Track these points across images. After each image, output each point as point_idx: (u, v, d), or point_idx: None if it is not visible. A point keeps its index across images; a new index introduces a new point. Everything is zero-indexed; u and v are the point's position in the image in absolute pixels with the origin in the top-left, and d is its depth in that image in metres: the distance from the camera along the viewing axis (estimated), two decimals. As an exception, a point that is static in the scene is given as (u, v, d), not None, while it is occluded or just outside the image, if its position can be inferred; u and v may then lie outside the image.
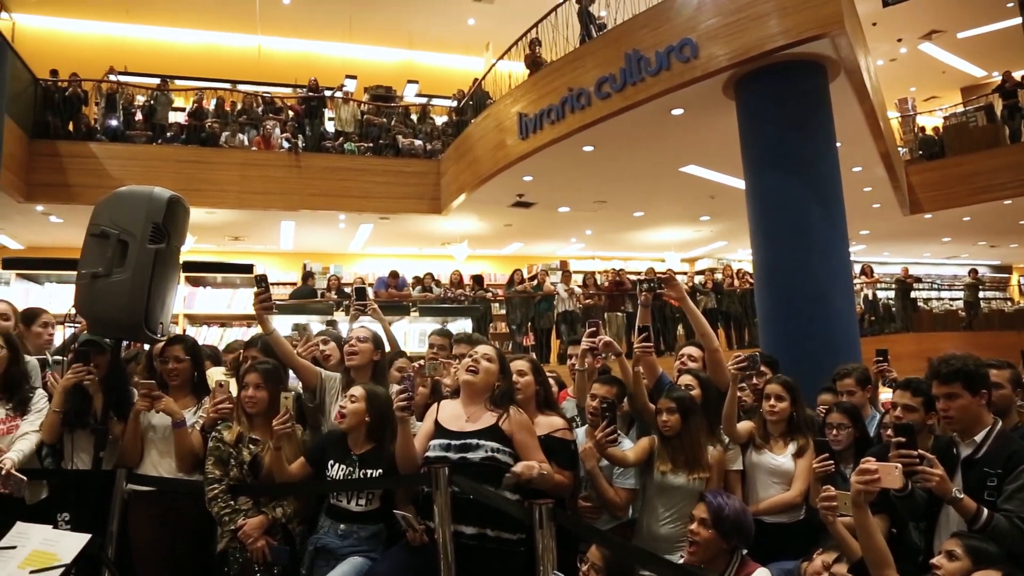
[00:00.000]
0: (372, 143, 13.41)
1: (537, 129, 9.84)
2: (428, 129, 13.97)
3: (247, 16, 15.06)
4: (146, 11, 15.24)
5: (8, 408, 3.27)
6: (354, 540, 3.04)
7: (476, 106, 12.66)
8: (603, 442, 3.02)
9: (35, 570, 2.18)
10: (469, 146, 11.90)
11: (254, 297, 3.50)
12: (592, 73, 8.95)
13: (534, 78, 10.39)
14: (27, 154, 11.16)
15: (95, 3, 14.96)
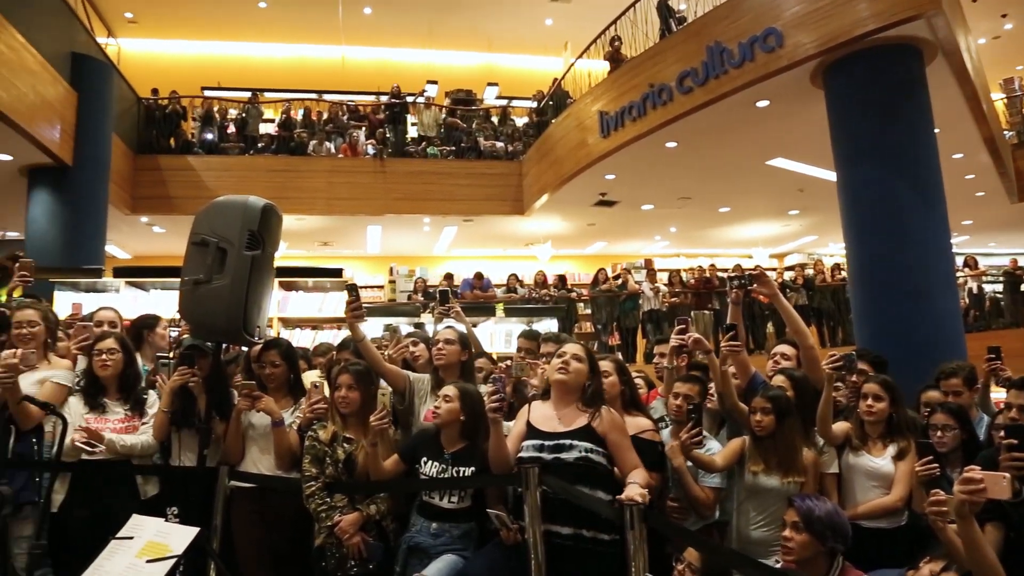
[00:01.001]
0: (454, 146, 13.59)
1: (618, 127, 9.75)
2: (509, 131, 14.05)
3: (331, 28, 15.50)
4: (236, 29, 15.91)
5: (126, 408, 3.49)
6: (447, 539, 3.08)
7: (556, 106, 12.65)
8: (688, 444, 2.96)
9: (150, 559, 2.30)
10: (550, 146, 11.90)
11: (346, 305, 3.59)
12: (673, 68, 8.82)
13: (614, 75, 10.30)
14: (132, 169, 11.85)
15: (190, 24, 15.72)
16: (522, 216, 13.27)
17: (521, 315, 7.91)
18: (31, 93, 8.31)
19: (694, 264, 14.73)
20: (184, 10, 15.13)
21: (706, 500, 3.18)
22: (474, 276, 12.31)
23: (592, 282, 12.68)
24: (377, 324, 6.26)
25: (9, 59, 7.84)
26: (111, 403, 3.48)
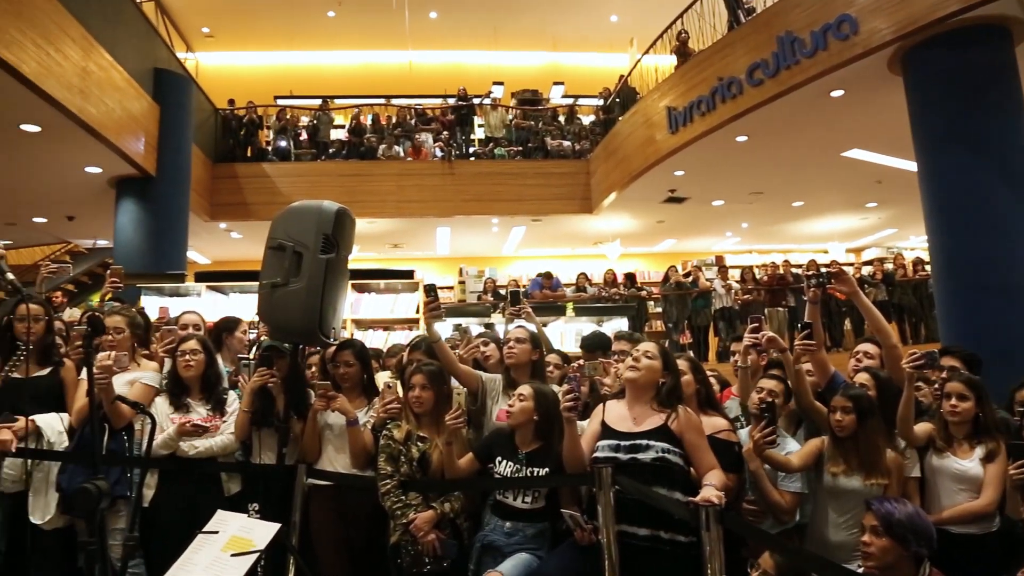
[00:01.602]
0: (521, 147, 13.62)
1: (687, 122, 9.60)
2: (576, 129, 14.00)
3: (398, 33, 15.74)
4: (307, 39, 16.34)
5: (208, 408, 3.63)
6: (520, 538, 3.08)
7: (623, 103, 12.54)
8: (761, 444, 2.89)
9: (235, 553, 2.38)
10: (618, 144, 11.81)
11: (423, 306, 3.64)
12: (743, 60, 8.63)
13: (682, 70, 10.15)
14: (210, 177, 12.30)
15: (263, 36, 16.24)
16: (590, 215, 13.21)
17: (591, 314, 7.87)
18: (118, 109, 8.71)
19: (767, 260, 14.41)
20: (257, 23, 15.64)
21: (785, 505, 3.10)
22: (543, 276, 12.30)
23: (662, 280, 12.52)
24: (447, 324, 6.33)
25: (99, 78, 8.23)
26: (194, 403, 3.62)
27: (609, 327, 7.42)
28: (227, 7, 15.14)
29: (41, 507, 3.46)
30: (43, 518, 3.44)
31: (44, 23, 7.10)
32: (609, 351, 4.10)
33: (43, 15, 7.09)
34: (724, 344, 11.01)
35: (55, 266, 4.65)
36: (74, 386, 3.65)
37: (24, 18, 6.76)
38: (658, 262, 16.23)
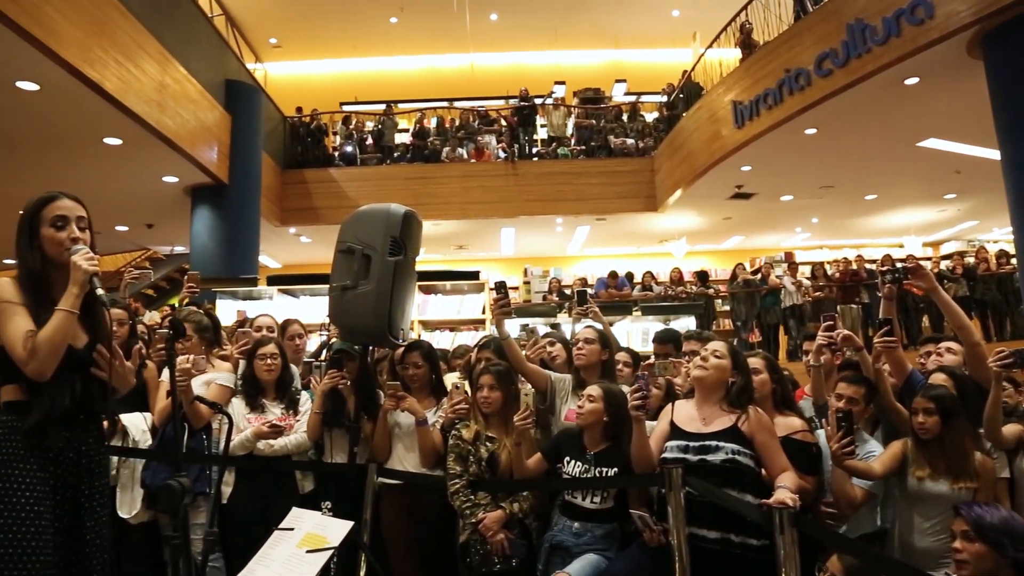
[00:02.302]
0: (584, 146, 13.57)
1: (753, 116, 9.41)
2: (639, 127, 13.88)
3: (459, 36, 15.88)
4: (370, 45, 16.64)
5: (282, 408, 3.74)
6: (589, 538, 3.06)
7: (687, 99, 12.37)
8: (840, 454, 2.75)
9: (310, 550, 2.44)
10: (682, 140, 11.66)
11: (493, 303, 3.65)
12: (810, 50, 8.41)
13: (747, 63, 9.95)
14: (280, 183, 12.64)
15: (328, 45, 16.61)
16: (655, 213, 13.07)
17: (657, 313, 7.80)
18: (193, 120, 9.03)
19: (838, 256, 14.01)
20: (322, 32, 16.01)
21: (856, 500, 2.95)
22: (608, 275, 12.23)
23: (730, 278, 12.30)
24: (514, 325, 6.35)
25: (175, 91, 8.56)
26: (268, 403, 3.73)
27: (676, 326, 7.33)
28: (293, 18, 15.54)
29: (128, 502, 3.62)
30: (130, 512, 3.60)
31: (124, 41, 7.42)
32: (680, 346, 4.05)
33: (123, 33, 7.40)
34: (794, 342, 10.75)
35: (137, 272, 4.85)
36: (156, 387, 3.80)
37: (106, 36, 7.07)
38: (725, 259, 15.98)
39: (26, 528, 2.07)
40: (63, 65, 6.44)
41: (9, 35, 5.86)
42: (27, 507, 2.09)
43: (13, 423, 2.15)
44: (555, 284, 12.40)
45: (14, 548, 2.05)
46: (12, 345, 2.11)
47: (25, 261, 2.24)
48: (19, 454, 2.13)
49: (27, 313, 2.16)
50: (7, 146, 8.44)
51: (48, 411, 2.16)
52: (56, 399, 2.17)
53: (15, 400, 2.18)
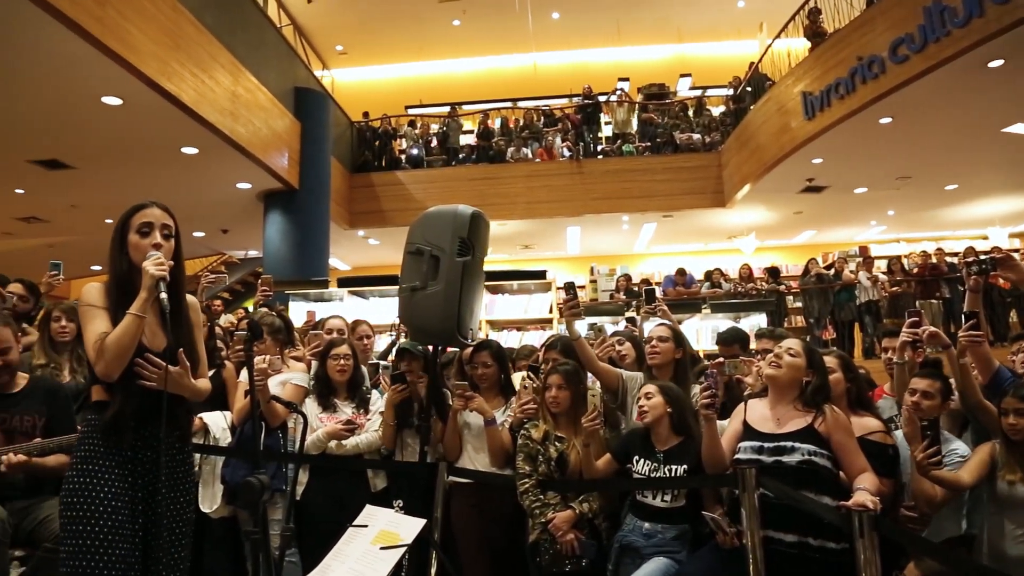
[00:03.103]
0: (650, 142, 13.43)
1: (824, 107, 9.15)
2: (705, 121, 13.66)
3: (521, 36, 15.92)
4: (434, 48, 16.83)
5: (353, 407, 3.82)
6: (659, 539, 3.02)
7: (754, 91, 12.10)
8: (925, 464, 2.63)
9: (384, 546, 2.48)
10: (750, 134, 11.42)
11: (563, 304, 3.64)
12: (884, 36, 8.11)
13: (817, 52, 9.68)
14: (348, 187, 12.91)
15: (392, 50, 16.89)
16: (723, 208, 12.84)
17: (727, 311, 7.67)
18: (264, 128, 9.29)
19: (917, 249, 13.50)
20: (386, 38, 16.27)
21: (936, 499, 2.82)
22: (676, 272, 12.06)
23: (802, 273, 11.98)
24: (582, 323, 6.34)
25: (247, 100, 8.83)
26: (340, 403, 3.81)
27: (747, 323, 7.20)
28: (358, 25, 15.84)
29: (209, 498, 3.76)
30: (211, 507, 3.73)
31: (199, 54, 7.69)
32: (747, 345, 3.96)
33: (197, 46, 7.68)
34: (870, 339, 10.40)
35: (213, 276, 5.03)
36: (234, 387, 3.93)
37: (182, 50, 7.34)
38: (796, 255, 15.58)
39: (103, 522, 2.16)
40: (143, 79, 6.72)
41: (95, 54, 6.15)
42: (105, 502, 2.18)
43: (94, 421, 2.27)
44: (622, 282, 12.29)
45: (91, 540, 2.14)
46: (88, 345, 2.23)
47: (113, 266, 2.35)
48: (99, 451, 2.24)
49: (107, 317, 2.26)
50: (94, 158, 8.85)
51: (120, 410, 2.24)
52: (127, 399, 2.25)
53: (99, 399, 2.29)
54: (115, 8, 6.25)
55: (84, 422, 2.29)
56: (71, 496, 2.18)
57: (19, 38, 6.00)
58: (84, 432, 2.28)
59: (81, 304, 2.27)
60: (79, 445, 2.27)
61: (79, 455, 2.24)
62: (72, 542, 2.14)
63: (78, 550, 2.13)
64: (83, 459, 2.23)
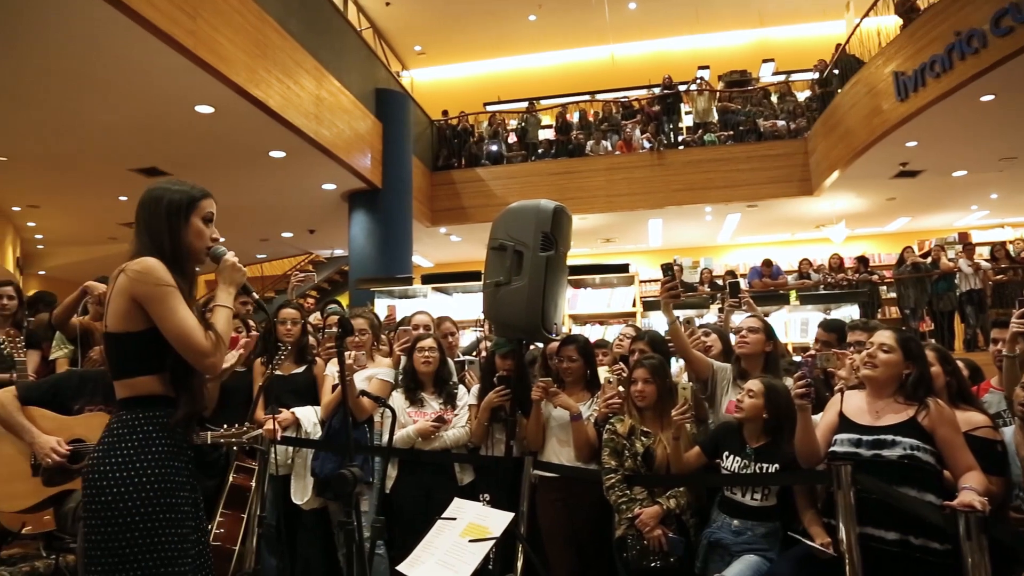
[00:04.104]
0: (732, 131, 13.12)
1: (918, 86, 8.72)
2: (790, 107, 13.25)
3: (598, 28, 15.80)
4: (511, 45, 16.89)
5: (440, 402, 3.88)
6: (749, 537, 2.96)
7: (842, 74, 11.64)
8: None
9: (472, 539, 2.51)
10: (838, 118, 11.00)
11: (661, 285, 3.61)
12: (984, 8, 7.65)
13: (910, 29, 9.23)
14: (429, 185, 13.10)
15: (469, 48, 17.04)
16: (811, 196, 12.42)
17: (816, 302, 7.42)
18: (347, 129, 9.52)
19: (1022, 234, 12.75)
20: (463, 36, 16.42)
21: None
22: (762, 264, 11.76)
23: (896, 262, 11.49)
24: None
25: (331, 103, 9.06)
26: (427, 397, 3.87)
27: (838, 315, 6.96)
28: (436, 25, 16.04)
29: (301, 489, 3.88)
30: (302, 499, 3.86)
31: (283, 60, 7.94)
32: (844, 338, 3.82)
33: (282, 53, 7.92)
34: (972, 331, 9.89)
35: (302, 275, 5.19)
36: (323, 382, 4.05)
37: (268, 58, 7.60)
38: (890, 243, 14.96)
39: (181, 528, 1.99)
40: (233, 87, 6.98)
41: (189, 65, 6.44)
42: (182, 507, 2.01)
43: (160, 418, 2.03)
44: (706, 275, 12.07)
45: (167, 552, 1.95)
46: (189, 334, 1.98)
47: (174, 242, 2.09)
48: (171, 451, 2.02)
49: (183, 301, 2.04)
50: (189, 164, 9.26)
51: (193, 408, 2.10)
52: (198, 396, 2.12)
53: (158, 394, 2.05)
54: (206, 21, 6.52)
55: (143, 418, 2.01)
56: (148, 504, 1.93)
57: (118, 53, 6.33)
58: (147, 430, 2.00)
59: (159, 283, 1.97)
60: (146, 445, 1.98)
61: (151, 455, 1.97)
62: (150, 555, 1.91)
63: (158, 562, 1.92)
64: (159, 460, 1.98)
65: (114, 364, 2.05)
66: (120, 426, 1.99)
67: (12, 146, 8.76)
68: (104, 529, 1.91)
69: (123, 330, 2.00)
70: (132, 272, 1.98)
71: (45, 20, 5.80)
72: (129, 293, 1.98)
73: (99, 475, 1.94)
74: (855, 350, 3.31)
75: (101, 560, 1.90)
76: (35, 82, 6.93)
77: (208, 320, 2.08)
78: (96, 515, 1.92)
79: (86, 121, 7.90)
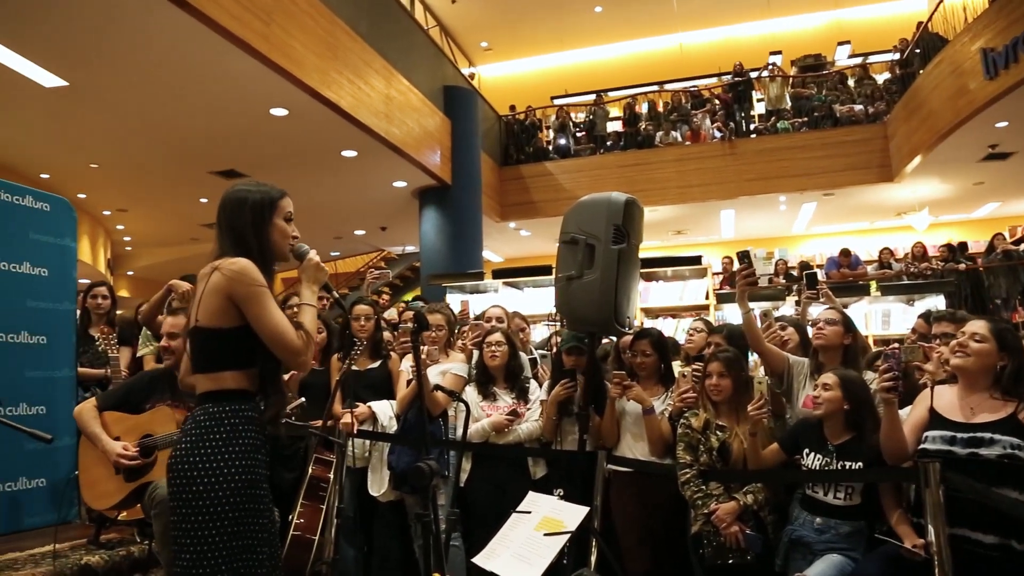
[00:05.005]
0: (806, 117, 12.75)
1: (1009, 63, 8.29)
2: (868, 91, 12.77)
3: (666, 17, 15.57)
4: (577, 38, 16.81)
5: (512, 396, 3.89)
6: (832, 536, 2.87)
7: (924, 54, 11.16)
8: None
9: (547, 533, 2.52)
10: (920, 100, 10.56)
11: (737, 274, 3.54)
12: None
13: (1000, 2, 8.77)
14: (498, 180, 13.17)
15: (535, 42, 17.04)
16: (891, 183, 11.97)
17: (899, 293, 7.16)
18: (417, 127, 9.65)
19: None
20: (529, 31, 16.43)
21: None
22: (840, 253, 11.40)
23: (986, 250, 10.97)
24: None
25: (400, 102, 9.20)
26: (500, 391, 3.89)
27: (922, 306, 6.70)
28: (502, 21, 16.08)
29: (377, 482, 3.95)
30: (379, 491, 3.93)
31: (354, 61, 8.09)
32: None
33: (352, 54, 8.08)
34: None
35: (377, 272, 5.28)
36: (398, 376, 4.11)
37: (339, 59, 7.76)
38: (978, 230, 14.28)
39: (263, 520, 2.07)
40: (306, 90, 7.16)
41: (264, 70, 6.64)
42: (265, 499, 2.09)
43: (246, 412, 2.08)
44: (781, 266, 11.77)
45: (252, 540, 2.03)
46: (283, 333, 2.05)
47: (260, 242, 2.15)
48: (256, 444, 2.08)
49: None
50: (265, 166, 9.55)
51: (282, 404, 2.22)
52: (284, 392, 2.24)
53: (244, 389, 2.10)
54: (279, 25, 6.70)
55: (230, 412, 2.05)
56: (235, 495, 1.99)
57: (198, 61, 6.57)
58: (234, 423, 2.04)
59: (254, 284, 2.04)
60: (233, 438, 2.03)
61: (238, 448, 2.02)
62: (235, 542, 1.98)
63: (240, 549, 2.00)
64: (244, 453, 2.03)
65: (201, 358, 2.11)
66: (207, 419, 2.04)
67: (103, 154, 9.24)
68: (192, 518, 1.97)
69: (215, 325, 2.06)
70: (228, 271, 2.05)
71: (132, 35, 6.08)
72: (225, 292, 2.04)
73: (187, 466, 1.99)
74: (941, 342, 3.17)
75: (189, 547, 1.97)
76: (123, 94, 7.29)
77: (296, 319, 2.13)
78: (185, 504, 1.99)
79: (169, 128, 8.25)
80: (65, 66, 6.63)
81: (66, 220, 4.67)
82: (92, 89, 7.16)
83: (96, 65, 6.67)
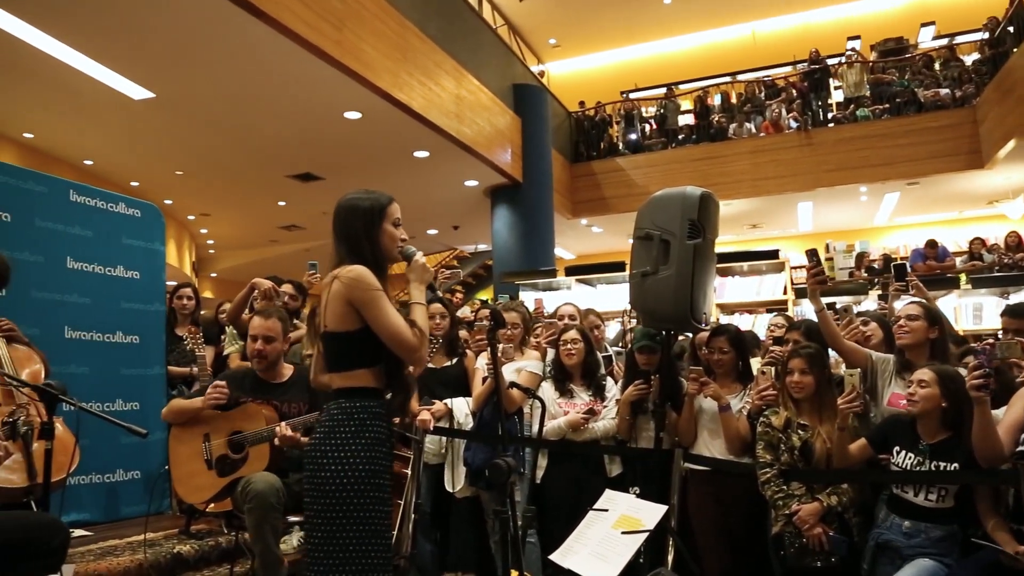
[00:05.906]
0: (888, 103, 12.27)
1: (1112, 40, 7.82)
2: (955, 73, 12.18)
3: (737, 6, 15.26)
4: (646, 30, 16.60)
5: (589, 393, 3.89)
6: (922, 540, 2.75)
7: (1018, 31, 10.60)
8: None
9: (625, 531, 2.50)
10: (1014, 80, 10.02)
11: (807, 272, 3.46)
12: None
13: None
14: (569, 177, 13.14)
15: (604, 37, 16.93)
16: (981, 170, 11.39)
17: (991, 285, 6.83)
18: (488, 126, 9.71)
19: None
20: (597, 26, 16.31)
21: None
22: (926, 245, 10.94)
23: (1087, 238, 10.37)
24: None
25: (470, 102, 9.28)
26: (576, 388, 3.89)
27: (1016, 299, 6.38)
28: (569, 17, 16.03)
29: (453, 478, 4.00)
30: (455, 487, 3.98)
31: (424, 63, 8.20)
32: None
33: (422, 56, 8.19)
34: None
35: (448, 272, 5.34)
36: (474, 374, 4.15)
37: (409, 61, 7.88)
38: (1079, 217, 13.50)
39: (384, 508, 2.24)
40: (378, 92, 7.30)
41: (337, 74, 6.80)
42: (386, 487, 2.26)
43: (373, 407, 2.25)
44: (864, 259, 11.37)
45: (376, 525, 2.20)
46: (400, 332, 2.21)
47: (373, 248, 2.31)
48: (381, 437, 2.25)
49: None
50: (339, 168, 9.78)
51: (407, 397, 2.40)
52: (408, 385, 2.38)
53: (371, 386, 2.27)
54: (351, 31, 6.84)
55: (359, 407, 2.23)
56: (360, 482, 2.16)
57: (274, 69, 6.78)
58: (362, 418, 2.22)
59: (370, 289, 2.21)
60: (361, 431, 2.21)
61: (365, 440, 2.20)
62: (361, 527, 2.15)
63: (368, 534, 2.16)
64: (370, 445, 2.20)
65: (333, 359, 2.30)
66: (339, 412, 2.23)
67: (188, 162, 9.63)
68: (323, 501, 2.17)
69: (341, 330, 2.24)
70: (346, 279, 2.22)
71: (213, 47, 6.33)
72: (345, 298, 2.22)
73: (320, 454, 2.19)
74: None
75: (320, 527, 2.17)
76: (206, 103, 7.59)
77: (409, 318, 2.29)
78: (317, 488, 2.18)
79: (248, 134, 8.54)
80: (152, 78, 6.95)
81: (156, 225, 4.90)
82: (177, 99, 7.48)
83: (181, 77, 6.96)
